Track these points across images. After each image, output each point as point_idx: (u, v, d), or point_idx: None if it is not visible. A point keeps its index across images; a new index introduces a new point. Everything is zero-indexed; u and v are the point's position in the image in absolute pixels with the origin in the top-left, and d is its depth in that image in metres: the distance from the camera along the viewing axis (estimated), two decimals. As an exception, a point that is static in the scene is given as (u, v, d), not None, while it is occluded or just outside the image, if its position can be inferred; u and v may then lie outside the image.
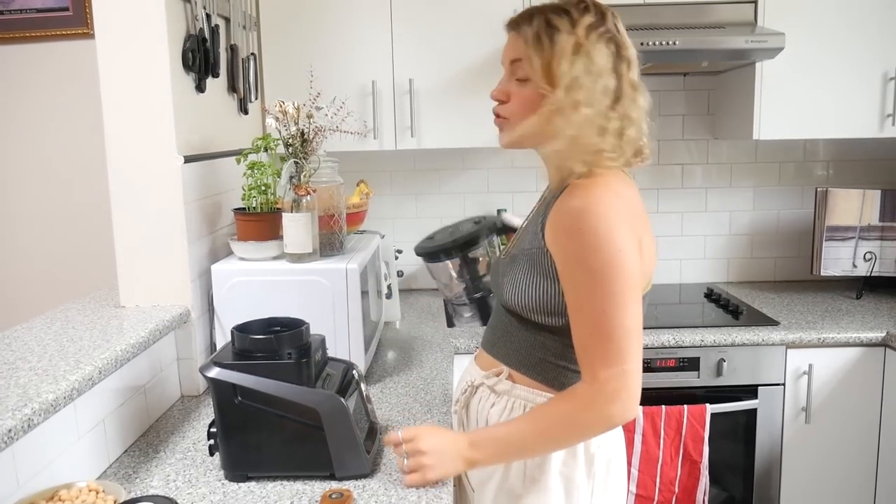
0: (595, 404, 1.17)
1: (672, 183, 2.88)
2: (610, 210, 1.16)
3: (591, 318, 1.16)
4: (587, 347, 1.18)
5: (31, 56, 2.65)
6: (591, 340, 1.17)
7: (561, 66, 1.19)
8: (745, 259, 2.94)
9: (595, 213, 1.15)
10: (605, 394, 1.16)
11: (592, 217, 1.15)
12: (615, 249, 1.14)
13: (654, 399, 2.19)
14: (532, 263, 1.25)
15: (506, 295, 1.29)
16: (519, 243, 1.32)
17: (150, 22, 1.63)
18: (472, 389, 1.39)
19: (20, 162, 2.72)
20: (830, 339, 2.25)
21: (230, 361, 1.28)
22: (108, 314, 1.65)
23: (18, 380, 1.21)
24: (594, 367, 1.17)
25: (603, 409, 1.17)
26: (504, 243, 1.64)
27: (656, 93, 2.79)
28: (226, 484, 1.29)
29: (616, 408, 1.17)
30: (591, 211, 1.15)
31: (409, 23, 2.40)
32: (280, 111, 1.72)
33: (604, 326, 1.15)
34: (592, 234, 1.14)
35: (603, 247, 1.14)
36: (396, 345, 2.18)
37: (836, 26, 2.41)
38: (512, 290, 1.27)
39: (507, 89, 1.28)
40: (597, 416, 1.18)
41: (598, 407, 1.17)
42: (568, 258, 1.18)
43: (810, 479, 2.33)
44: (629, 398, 1.17)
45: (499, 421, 1.32)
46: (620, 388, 1.16)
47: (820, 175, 2.89)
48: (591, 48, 1.20)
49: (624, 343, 1.16)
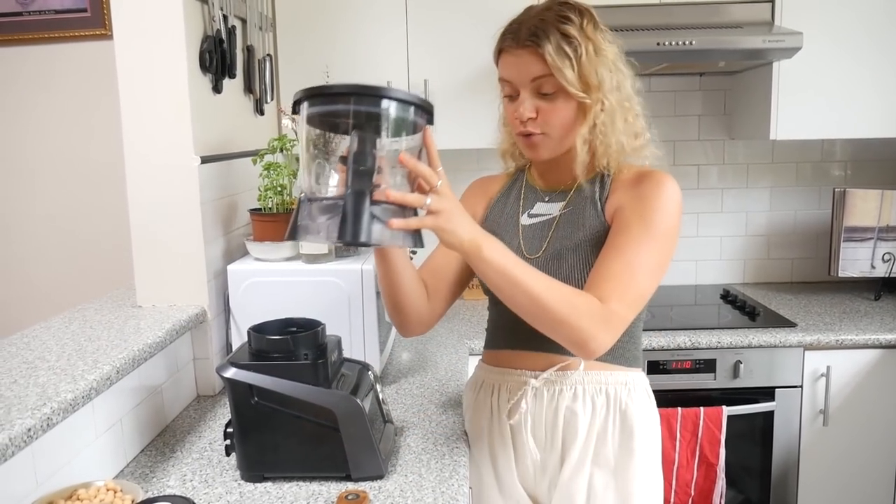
0: (596, 319, 1.16)
1: (688, 183, 2.87)
2: (680, 198, 1.29)
3: (628, 259, 1.23)
4: (612, 277, 1.22)
5: (50, 57, 2.67)
6: (620, 275, 1.22)
7: (595, 73, 1.26)
8: (762, 260, 2.92)
9: (672, 191, 1.28)
10: (607, 320, 1.18)
11: (670, 191, 1.28)
12: (673, 226, 1.27)
13: (670, 401, 2.18)
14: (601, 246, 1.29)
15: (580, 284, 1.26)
16: (571, 234, 1.34)
17: (167, 23, 1.64)
18: (533, 391, 1.38)
19: (38, 162, 2.75)
20: (849, 340, 2.23)
21: (247, 362, 1.28)
22: (125, 314, 1.66)
23: (38, 379, 1.21)
24: (610, 294, 1.20)
25: (596, 328, 1.16)
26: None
27: (672, 93, 2.79)
28: (242, 484, 1.30)
29: (604, 337, 1.18)
30: (671, 187, 1.28)
31: (424, 24, 2.40)
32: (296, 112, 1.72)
33: (636, 272, 1.22)
34: (666, 201, 1.27)
35: (667, 218, 1.26)
36: (411, 346, 2.18)
37: (854, 25, 2.39)
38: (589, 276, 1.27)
39: (535, 105, 1.28)
40: (587, 326, 1.16)
41: (596, 323, 1.16)
42: (634, 211, 1.27)
43: (828, 483, 2.31)
44: (612, 340, 1.19)
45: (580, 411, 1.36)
46: (616, 326, 1.20)
47: (837, 175, 2.87)
48: (604, 47, 1.28)
49: (640, 297, 1.24)
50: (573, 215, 1.36)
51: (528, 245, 1.40)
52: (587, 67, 1.24)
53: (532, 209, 1.43)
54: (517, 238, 1.42)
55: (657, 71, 2.62)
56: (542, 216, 1.41)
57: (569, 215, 1.37)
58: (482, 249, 1.13)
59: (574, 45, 1.24)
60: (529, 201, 1.45)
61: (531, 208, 1.43)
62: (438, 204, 1.08)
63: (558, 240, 1.36)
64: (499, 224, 1.47)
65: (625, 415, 1.36)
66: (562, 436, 1.37)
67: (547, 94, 1.27)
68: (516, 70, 1.29)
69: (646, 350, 2.22)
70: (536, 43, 1.24)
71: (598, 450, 1.36)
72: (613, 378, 1.36)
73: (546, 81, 1.26)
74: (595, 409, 1.36)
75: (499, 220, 1.47)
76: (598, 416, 1.36)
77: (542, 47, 1.23)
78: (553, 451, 1.38)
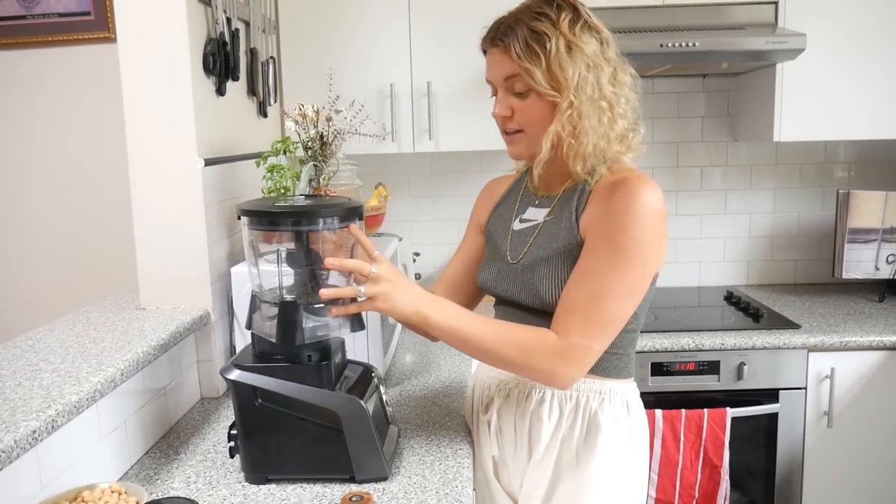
0: (553, 357, 1.20)
1: (691, 185, 2.87)
2: (658, 205, 1.21)
3: (593, 287, 1.20)
4: (575, 309, 1.21)
5: (54, 60, 2.68)
6: (583, 307, 1.21)
7: (563, 70, 1.21)
8: (766, 262, 2.92)
9: (645, 202, 1.19)
10: (567, 355, 1.20)
11: (640, 205, 1.19)
12: (647, 242, 1.20)
13: (673, 403, 2.18)
14: (573, 260, 1.26)
15: (548, 296, 1.28)
16: (546, 244, 1.31)
17: (171, 26, 1.64)
18: (504, 392, 1.39)
19: (42, 165, 2.75)
20: (853, 342, 2.22)
21: (250, 364, 1.28)
22: (129, 316, 1.66)
23: (42, 381, 1.22)
24: (570, 327, 1.21)
25: (556, 365, 1.20)
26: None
27: (675, 94, 2.78)
28: (246, 486, 1.30)
29: (565, 372, 1.21)
30: (642, 199, 1.19)
31: (427, 25, 2.40)
32: (299, 114, 1.73)
33: (601, 301, 1.20)
34: (637, 217, 1.19)
35: (639, 235, 1.19)
36: (414, 348, 2.18)
37: (858, 27, 2.38)
38: (557, 291, 1.27)
39: (509, 104, 1.29)
40: (546, 367, 1.21)
41: (553, 360, 1.20)
42: (602, 232, 1.22)
43: (832, 485, 2.30)
44: (579, 372, 1.22)
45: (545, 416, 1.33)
46: (580, 359, 1.21)
47: (841, 177, 2.86)
48: (580, 42, 1.22)
49: (608, 325, 1.22)
50: (553, 225, 1.33)
51: (513, 251, 1.39)
52: (555, 65, 1.21)
53: (524, 214, 1.42)
54: (505, 243, 1.42)
55: (660, 72, 2.62)
56: (529, 222, 1.39)
57: (549, 224, 1.34)
58: (428, 318, 1.20)
59: (543, 41, 1.21)
60: (523, 205, 1.44)
61: (523, 213, 1.42)
62: (373, 289, 1.17)
63: (535, 248, 1.34)
64: (495, 228, 1.47)
65: (593, 419, 1.32)
66: (528, 437, 1.37)
67: (520, 93, 1.26)
68: (490, 70, 1.30)
69: (649, 352, 2.22)
70: (505, 42, 1.24)
71: (561, 451, 1.33)
72: (586, 387, 1.32)
73: (517, 80, 1.25)
74: (562, 414, 1.33)
75: (496, 225, 1.48)
76: (565, 420, 1.33)
77: (509, 46, 1.23)
78: (521, 449, 1.38)
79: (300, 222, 1.25)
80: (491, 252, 1.47)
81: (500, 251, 1.42)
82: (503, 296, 1.40)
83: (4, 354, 1.38)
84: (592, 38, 1.24)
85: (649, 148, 2.86)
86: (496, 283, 1.41)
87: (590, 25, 1.25)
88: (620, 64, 1.28)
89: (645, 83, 2.79)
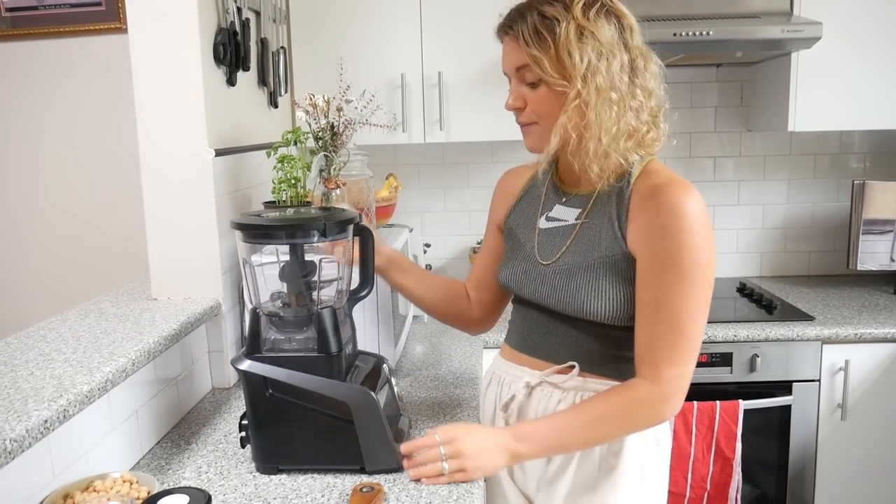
0: (653, 402, 1.19)
1: (704, 176, 2.84)
2: (705, 213, 1.17)
3: (669, 316, 1.17)
4: (657, 344, 1.18)
5: (65, 51, 2.68)
6: (665, 339, 1.17)
7: (572, 57, 1.15)
8: (779, 253, 2.90)
9: (693, 215, 1.15)
10: (665, 393, 1.19)
11: (690, 218, 1.15)
12: (706, 254, 1.17)
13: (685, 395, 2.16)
14: (616, 271, 1.23)
15: (589, 307, 1.24)
16: (585, 251, 1.27)
17: (181, 16, 1.64)
18: (528, 390, 1.35)
19: (53, 156, 2.76)
20: (867, 334, 2.20)
21: (261, 354, 1.28)
22: (140, 307, 1.66)
23: (54, 371, 1.22)
24: (660, 363, 1.18)
25: (659, 406, 1.20)
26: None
27: (689, 84, 2.76)
28: (257, 476, 1.30)
29: (670, 406, 1.20)
30: (690, 212, 1.15)
31: (438, 15, 2.38)
32: (310, 104, 1.72)
33: (681, 326, 1.16)
34: (690, 234, 1.15)
35: (697, 248, 1.15)
36: (425, 339, 2.17)
37: (874, 15, 2.35)
38: (598, 302, 1.23)
39: (521, 95, 1.25)
40: (651, 413, 1.21)
41: (655, 405, 1.19)
42: (659, 255, 1.17)
43: (846, 478, 2.29)
44: (681, 399, 1.21)
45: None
46: (679, 388, 1.19)
47: (856, 167, 2.83)
48: (594, 28, 1.16)
49: (693, 345, 1.19)
50: (591, 230, 1.27)
51: (543, 251, 1.34)
52: (563, 51, 1.15)
53: (551, 211, 1.36)
54: (532, 242, 1.36)
55: (673, 62, 2.59)
56: (559, 221, 1.34)
57: (587, 228, 1.28)
58: (522, 455, 1.22)
59: (552, 26, 1.16)
60: (550, 202, 1.37)
61: (550, 210, 1.36)
62: (457, 465, 1.19)
63: (572, 254, 1.28)
64: (518, 224, 1.42)
65: None
66: None
67: (532, 83, 1.22)
68: (504, 59, 1.27)
69: (661, 343, 2.20)
70: (514, 29, 1.20)
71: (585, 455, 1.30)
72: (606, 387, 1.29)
73: (528, 70, 1.21)
74: None
75: (519, 222, 1.42)
76: None
77: (517, 34, 1.20)
78: None
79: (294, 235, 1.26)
80: (514, 249, 1.41)
81: (526, 250, 1.37)
82: (529, 297, 1.34)
83: (17, 344, 1.39)
84: (610, 24, 1.18)
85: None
86: (521, 283, 1.35)
87: (609, 10, 1.19)
88: (645, 52, 1.22)
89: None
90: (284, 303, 1.31)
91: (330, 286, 1.32)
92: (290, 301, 1.30)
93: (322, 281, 1.30)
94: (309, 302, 1.29)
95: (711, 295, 1.20)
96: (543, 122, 1.24)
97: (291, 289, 1.30)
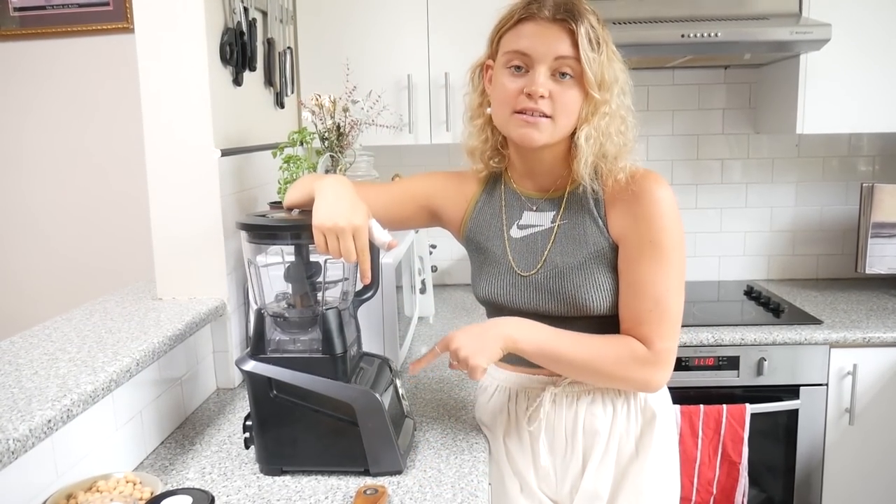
0: (647, 363, 1.25)
1: (711, 178, 2.83)
2: (674, 197, 1.27)
3: (654, 293, 1.24)
4: (645, 320, 1.25)
5: (72, 50, 2.69)
6: (651, 315, 1.25)
7: (611, 71, 1.23)
8: (787, 256, 2.88)
9: (670, 202, 1.25)
10: (656, 362, 1.25)
11: (668, 205, 1.25)
12: (679, 234, 1.26)
13: (692, 398, 2.15)
14: (606, 262, 1.29)
15: (590, 302, 1.28)
16: (572, 251, 1.30)
17: (188, 16, 1.64)
18: (553, 397, 1.35)
19: (60, 155, 2.76)
20: (876, 338, 2.19)
21: (266, 355, 1.28)
22: (145, 306, 1.66)
23: (58, 370, 1.22)
24: (650, 336, 1.25)
25: (650, 370, 1.26)
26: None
27: (696, 86, 2.75)
28: (261, 477, 1.29)
29: (660, 374, 1.27)
30: (668, 200, 1.25)
31: (445, 16, 2.38)
32: (316, 105, 1.72)
33: (665, 303, 1.25)
34: (669, 219, 1.25)
35: (675, 231, 1.25)
36: (430, 340, 2.17)
37: (884, 17, 2.34)
38: (598, 295, 1.28)
39: (550, 87, 1.22)
40: (642, 373, 1.26)
41: (648, 369, 1.26)
42: (643, 239, 1.25)
43: (853, 483, 2.27)
44: (669, 372, 1.28)
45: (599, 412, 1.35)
46: (669, 361, 1.27)
47: (865, 170, 2.81)
48: (615, 56, 1.26)
49: (676, 322, 1.27)
50: (573, 229, 1.31)
51: (520, 261, 1.34)
52: (606, 63, 1.22)
53: (520, 220, 1.36)
54: (506, 254, 1.36)
55: (681, 63, 2.58)
56: (533, 227, 1.34)
57: (567, 228, 1.31)
58: (517, 341, 1.24)
59: (598, 36, 1.22)
60: (515, 210, 1.37)
61: (519, 219, 1.36)
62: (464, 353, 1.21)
63: (559, 255, 1.31)
64: (486, 237, 1.40)
65: (644, 409, 1.36)
66: (582, 440, 1.35)
67: (563, 77, 1.22)
68: (541, 42, 1.21)
69: (668, 346, 2.19)
70: (572, 20, 1.20)
71: (621, 444, 1.35)
72: None
73: (568, 63, 1.21)
74: (615, 411, 1.35)
75: (485, 233, 1.40)
76: (619, 416, 1.35)
77: (576, 26, 1.19)
78: (574, 455, 1.36)
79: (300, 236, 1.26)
80: (486, 262, 1.39)
81: (503, 262, 1.36)
82: (519, 308, 1.34)
83: (21, 343, 1.39)
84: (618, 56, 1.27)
85: (669, 140, 2.83)
86: (510, 295, 1.35)
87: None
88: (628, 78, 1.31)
89: (665, 74, 2.76)
90: (289, 303, 1.30)
91: (335, 287, 1.32)
92: (294, 302, 1.30)
93: (327, 282, 1.29)
94: (314, 303, 1.29)
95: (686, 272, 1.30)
96: (559, 119, 1.23)
97: (296, 289, 1.29)
